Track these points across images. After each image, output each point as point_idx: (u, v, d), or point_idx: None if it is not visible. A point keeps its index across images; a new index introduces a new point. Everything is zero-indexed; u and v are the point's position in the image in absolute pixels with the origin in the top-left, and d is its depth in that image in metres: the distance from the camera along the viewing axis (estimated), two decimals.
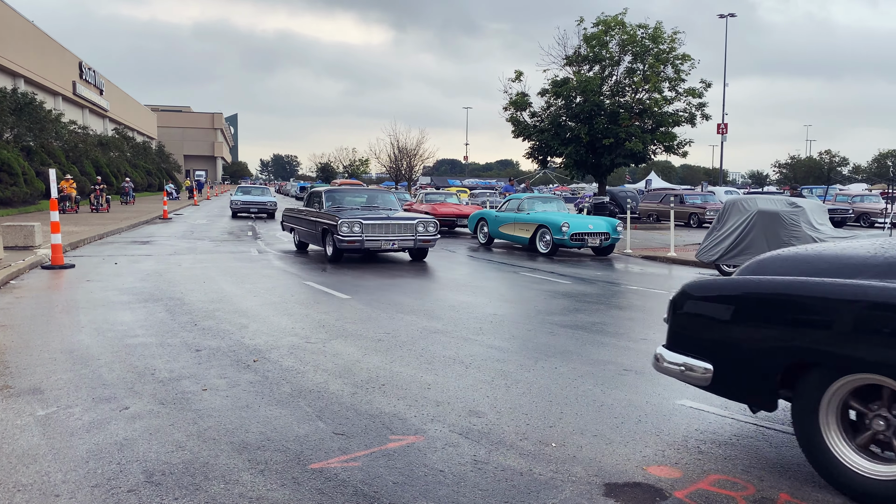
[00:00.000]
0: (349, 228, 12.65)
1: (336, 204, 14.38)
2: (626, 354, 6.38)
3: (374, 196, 15.37)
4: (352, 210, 13.96)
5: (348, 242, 12.60)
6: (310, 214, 14.62)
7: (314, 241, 14.46)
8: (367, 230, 12.82)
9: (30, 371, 5.52)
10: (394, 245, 12.99)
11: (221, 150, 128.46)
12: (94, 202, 29.17)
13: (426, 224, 13.42)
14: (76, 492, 3.40)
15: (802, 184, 62.11)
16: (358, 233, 12.70)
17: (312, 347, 6.47)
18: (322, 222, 13.66)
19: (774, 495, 3.47)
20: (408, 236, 13.15)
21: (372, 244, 12.79)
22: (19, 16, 39.06)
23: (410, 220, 13.36)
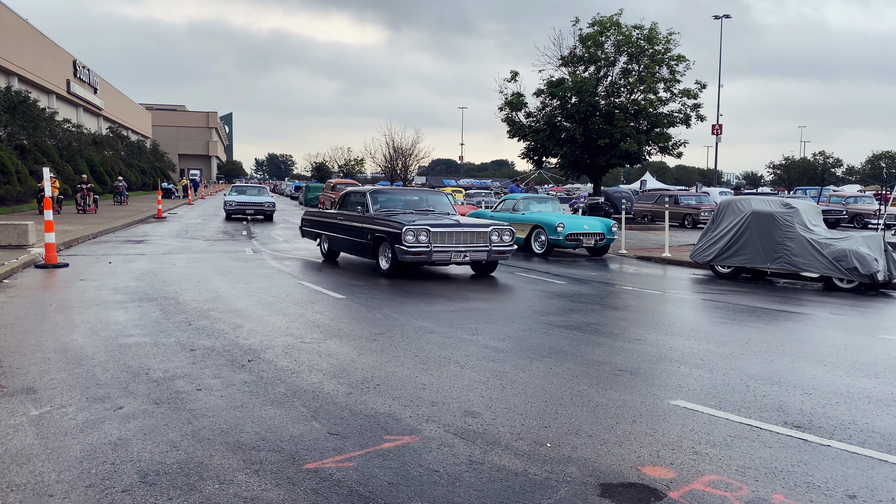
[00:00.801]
0: (415, 237, 10.58)
1: (385, 207, 12.25)
2: (621, 355, 6.39)
3: (424, 197, 13.26)
4: (405, 214, 11.82)
5: (413, 254, 10.54)
6: (350, 219, 12.57)
7: (357, 250, 12.43)
8: (436, 239, 10.75)
9: (23, 371, 5.49)
10: (465, 257, 10.94)
11: (216, 150, 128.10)
12: (81, 202, 27.11)
13: (501, 232, 11.35)
14: (70, 492, 3.39)
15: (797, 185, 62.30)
16: (424, 242, 10.63)
17: (307, 347, 6.46)
18: (373, 229, 11.53)
19: (768, 496, 3.48)
20: (481, 246, 11.06)
21: (440, 256, 10.77)
22: (13, 13, 38.88)
23: (484, 227, 11.26)
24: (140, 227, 22.46)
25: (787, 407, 4.91)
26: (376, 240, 11.51)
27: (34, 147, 32.83)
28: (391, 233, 10.96)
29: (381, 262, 11.57)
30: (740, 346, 6.87)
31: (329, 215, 13.81)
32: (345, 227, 12.77)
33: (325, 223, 13.84)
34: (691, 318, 8.43)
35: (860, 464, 3.90)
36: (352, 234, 12.44)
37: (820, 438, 4.28)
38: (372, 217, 11.81)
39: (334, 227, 13.27)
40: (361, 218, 12.15)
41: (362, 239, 11.99)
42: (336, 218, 13.24)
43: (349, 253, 13.00)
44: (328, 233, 13.61)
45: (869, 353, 6.70)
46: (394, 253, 10.92)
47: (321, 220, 14.16)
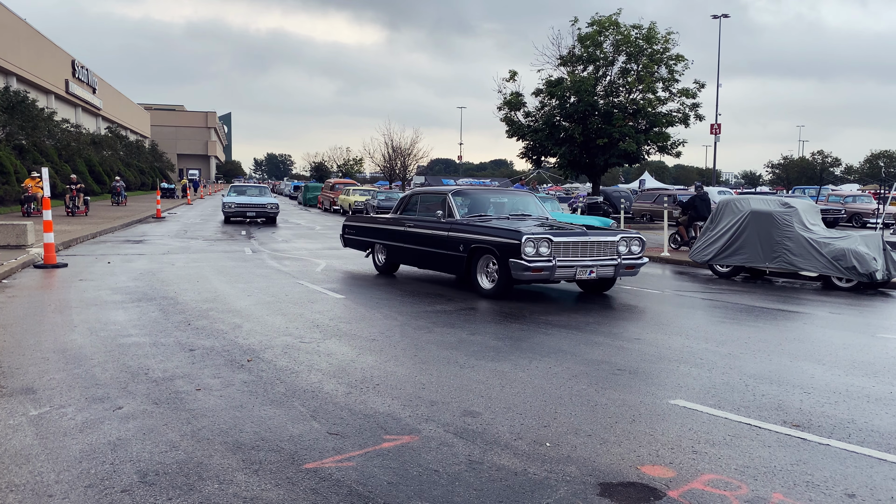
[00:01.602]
0: (535, 249, 8.68)
1: (474, 211, 10.39)
2: (620, 354, 6.39)
3: (512, 198, 11.36)
4: (501, 220, 10.07)
5: (534, 270, 8.64)
6: (424, 226, 10.61)
7: (436, 264, 10.50)
8: (559, 251, 8.89)
9: (22, 371, 5.49)
10: (591, 273, 9.07)
11: (215, 149, 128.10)
12: (70, 204, 25.19)
13: (630, 241, 9.53)
14: (69, 492, 3.39)
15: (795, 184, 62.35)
16: (546, 256, 8.74)
17: (307, 347, 6.46)
18: (470, 239, 9.56)
19: (768, 495, 3.48)
20: (608, 260, 9.22)
21: (564, 272, 8.90)
22: (11, 13, 38.84)
23: (611, 235, 9.48)
24: (139, 227, 22.45)
25: (786, 406, 4.91)
26: (474, 252, 9.55)
27: (33, 147, 32.81)
28: (504, 244, 8.95)
29: (479, 280, 9.58)
30: (739, 345, 6.87)
31: (388, 221, 11.74)
32: (416, 236, 10.75)
33: (383, 231, 11.75)
34: (690, 318, 8.43)
35: (859, 463, 3.90)
36: (429, 244, 10.43)
37: (819, 437, 4.29)
38: (462, 224, 9.88)
39: (398, 235, 11.26)
40: (444, 225, 10.12)
41: (448, 250, 9.96)
42: (400, 224, 11.19)
43: (422, 266, 11.11)
44: (388, 242, 11.58)
45: (868, 352, 6.71)
46: (505, 269, 9.00)
47: (376, 227, 12.07)
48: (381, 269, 12.08)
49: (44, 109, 36.13)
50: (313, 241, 18.73)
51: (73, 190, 25.40)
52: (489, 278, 9.53)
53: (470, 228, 9.73)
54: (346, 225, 13.22)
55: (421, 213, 11.07)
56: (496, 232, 9.28)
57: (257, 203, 25.21)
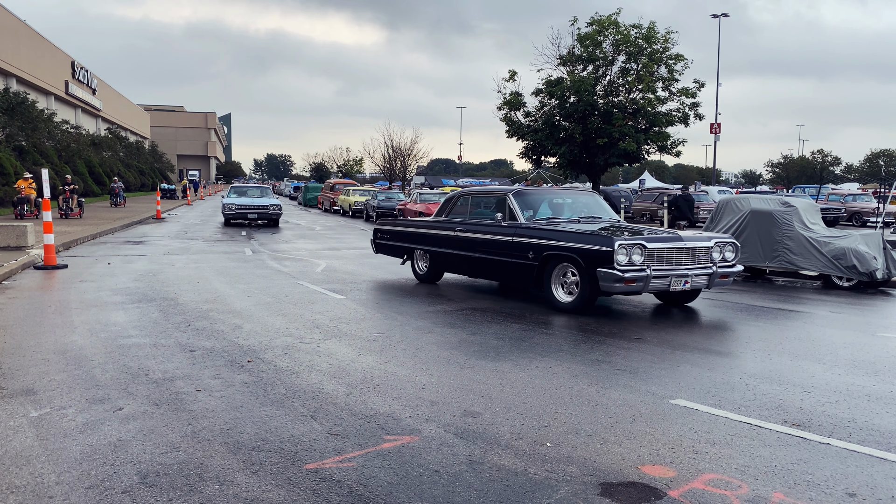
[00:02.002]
0: (627, 257, 7.76)
1: (543, 214, 9.46)
2: (621, 354, 6.39)
3: (579, 199, 10.31)
4: (572, 223, 9.16)
5: (627, 282, 7.70)
6: (480, 230, 9.64)
7: (497, 273, 9.55)
8: (652, 259, 7.98)
9: (23, 372, 5.49)
10: (686, 283, 8.16)
11: (215, 150, 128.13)
12: (63, 206, 24.23)
13: (724, 247, 8.62)
14: (70, 493, 3.39)
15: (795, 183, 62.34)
16: (639, 265, 7.83)
17: (307, 348, 6.46)
18: (546, 245, 8.49)
19: (768, 494, 3.48)
20: (703, 268, 8.30)
21: (658, 283, 7.97)
22: (11, 14, 38.85)
23: (705, 241, 8.47)
24: (139, 227, 22.45)
25: (786, 405, 4.91)
26: (547, 260, 8.53)
27: (33, 148, 32.80)
28: (591, 251, 7.94)
29: (555, 292, 8.53)
30: (739, 344, 6.87)
31: (433, 225, 10.75)
32: (469, 242, 9.75)
33: (427, 235, 10.73)
34: (690, 317, 8.43)
35: (860, 462, 3.90)
36: (487, 250, 9.42)
37: (819, 437, 4.29)
38: (530, 228, 8.92)
39: (445, 240, 10.26)
40: (507, 230, 9.14)
41: (512, 258, 8.96)
42: (448, 229, 10.23)
43: (476, 275, 10.16)
44: (432, 248, 10.61)
45: (868, 351, 6.71)
46: (590, 279, 7.98)
47: (416, 232, 11.02)
48: (423, 277, 11.06)
49: (44, 111, 36.14)
50: (313, 241, 18.73)
51: (67, 191, 24.58)
52: (566, 290, 8.45)
53: (542, 234, 8.70)
54: (379, 229, 12.05)
55: (473, 217, 10.12)
56: (579, 238, 8.22)
57: (259, 204, 23.99)
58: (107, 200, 35.70)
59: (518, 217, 9.23)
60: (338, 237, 20.27)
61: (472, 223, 9.94)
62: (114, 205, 33.15)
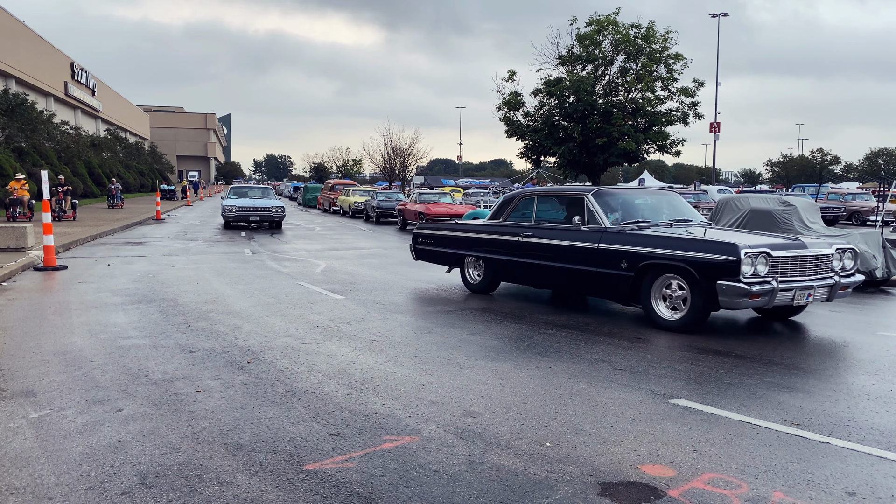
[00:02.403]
0: (752, 267, 6.79)
1: (627, 216, 8.28)
2: (620, 353, 6.39)
3: (663, 199, 9.16)
4: (662, 226, 8.08)
5: (752, 296, 6.72)
6: (556, 236, 8.48)
7: (579, 284, 8.30)
8: (778, 270, 7.03)
9: (22, 373, 5.49)
10: (809, 297, 7.19)
11: (214, 151, 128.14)
12: (56, 208, 22.96)
13: (843, 254, 7.66)
14: (69, 494, 3.39)
15: (795, 182, 62.34)
16: (763, 276, 6.88)
17: (306, 348, 6.46)
18: (641, 253, 7.43)
19: (768, 493, 3.48)
20: (825, 279, 7.37)
21: (784, 296, 6.98)
22: (10, 16, 38.85)
23: (826, 248, 7.48)
24: (139, 228, 22.45)
25: (786, 405, 4.91)
26: (645, 271, 7.43)
27: (32, 149, 32.80)
28: (709, 261, 6.86)
29: (656, 307, 7.43)
30: (739, 343, 6.87)
31: (490, 229, 9.63)
32: (540, 249, 8.63)
33: (482, 241, 9.64)
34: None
35: (860, 461, 3.90)
36: (565, 258, 8.28)
37: (819, 436, 4.29)
38: (618, 233, 7.80)
39: (507, 246, 9.16)
40: (590, 235, 8.02)
41: (599, 267, 7.85)
42: (511, 233, 9.16)
43: (547, 286, 9.16)
44: (490, 255, 9.52)
45: (868, 350, 6.71)
46: (704, 293, 6.94)
47: (469, 237, 9.92)
48: (476, 287, 9.97)
49: (43, 112, 36.15)
50: (313, 242, 18.73)
51: (60, 192, 23.37)
52: (669, 305, 7.37)
53: (638, 240, 7.58)
54: (421, 234, 10.94)
55: (539, 220, 9.01)
56: (692, 244, 7.14)
57: (261, 206, 22.59)
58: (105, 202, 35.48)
59: (601, 220, 8.10)
60: (337, 237, 20.27)
61: (541, 227, 8.84)
62: (111, 206, 32.71)
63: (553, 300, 9.49)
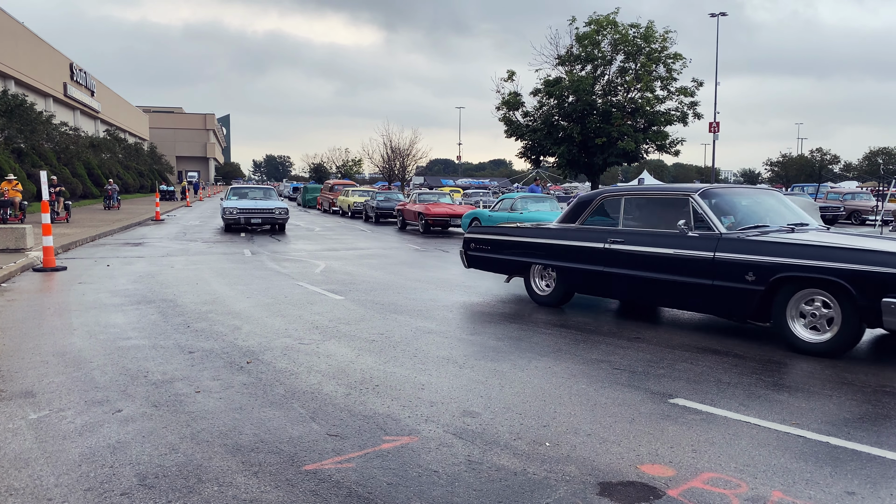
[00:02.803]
0: None
1: (743, 221, 7.24)
2: (619, 353, 6.39)
3: (771, 200, 8.06)
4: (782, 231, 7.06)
5: None
6: (657, 242, 7.38)
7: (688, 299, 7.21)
8: None
9: (21, 374, 5.49)
10: None
11: (214, 151, 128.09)
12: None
13: None
14: (69, 495, 3.39)
15: (794, 181, 62.39)
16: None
17: (306, 349, 6.46)
18: (775, 264, 6.38)
19: (767, 493, 3.48)
20: None
21: None
22: (9, 17, 38.84)
23: None
24: (138, 229, 22.44)
25: (785, 404, 4.91)
26: (780, 285, 6.42)
27: (31, 150, 32.77)
28: (873, 275, 5.84)
29: (793, 328, 6.40)
30: (738, 343, 6.87)
31: (564, 234, 8.50)
32: (634, 259, 7.56)
33: (556, 248, 8.50)
34: (689, 316, 8.43)
35: (859, 461, 3.91)
36: (669, 270, 7.21)
37: (819, 436, 4.29)
38: (747, 241, 6.73)
39: (589, 254, 8.07)
40: (702, 242, 6.97)
41: (716, 280, 6.78)
42: (595, 238, 8.06)
43: (645, 301, 8.31)
44: (566, 263, 8.41)
45: (868, 349, 6.71)
46: (860, 312, 5.93)
47: (538, 243, 8.79)
48: (546, 299, 8.89)
49: (42, 112, 36.10)
50: (312, 242, 18.73)
51: (52, 193, 22.02)
52: (810, 324, 6.34)
53: (768, 248, 6.53)
54: (474, 238, 9.79)
55: (629, 224, 7.91)
56: (844, 255, 6.06)
57: (263, 208, 21.46)
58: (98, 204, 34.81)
59: (713, 225, 7.05)
60: (337, 238, 20.27)
61: (634, 233, 7.73)
62: (107, 207, 31.75)
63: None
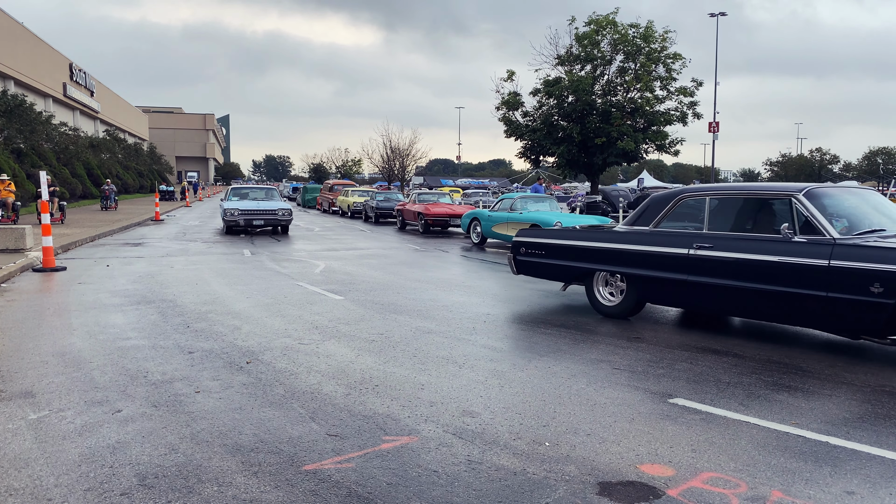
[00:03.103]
0: None
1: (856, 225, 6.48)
2: (619, 353, 6.40)
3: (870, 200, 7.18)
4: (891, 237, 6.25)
5: None
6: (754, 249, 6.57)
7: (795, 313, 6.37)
8: None
9: (21, 375, 5.49)
10: None
11: (213, 151, 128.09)
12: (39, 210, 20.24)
13: None
14: (68, 495, 3.39)
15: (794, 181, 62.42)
16: None
17: (305, 349, 6.46)
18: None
19: (767, 493, 3.49)
20: None
21: None
22: (9, 17, 38.84)
23: None
24: (138, 229, 22.44)
25: (785, 404, 4.92)
26: None
27: (31, 151, 32.77)
28: None
29: None
30: (738, 342, 6.87)
31: (637, 237, 7.65)
32: (728, 267, 6.73)
33: (627, 253, 7.68)
34: (689, 316, 8.43)
35: (859, 460, 3.91)
36: (774, 280, 6.39)
37: (818, 435, 4.29)
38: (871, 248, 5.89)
39: (670, 262, 7.22)
40: (813, 249, 6.16)
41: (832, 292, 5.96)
42: (676, 244, 7.23)
43: (734, 314, 7.24)
44: (639, 271, 7.57)
45: (867, 349, 6.71)
46: None
47: (605, 248, 7.95)
48: (613, 309, 8.04)
49: (42, 113, 36.11)
50: (312, 242, 18.72)
51: None
52: None
53: None
54: (525, 242, 8.96)
55: (717, 227, 7.12)
56: None
57: (266, 209, 20.57)
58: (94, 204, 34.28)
59: (824, 230, 6.24)
60: (337, 238, 20.27)
61: (726, 238, 6.89)
62: (104, 208, 31.13)
63: (550, 299, 9.48)
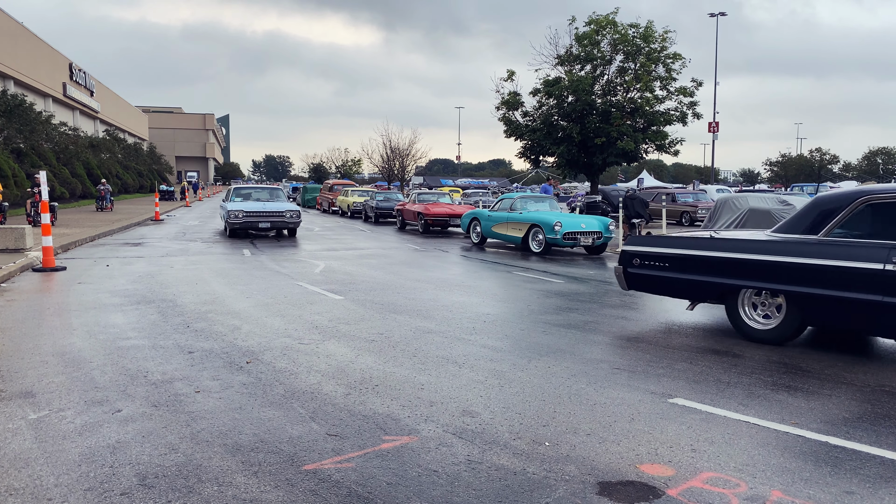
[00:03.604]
0: None
1: None
2: (619, 353, 6.40)
3: None
4: None
5: None
6: None
7: None
8: None
9: (21, 374, 5.49)
10: None
11: (213, 151, 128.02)
12: (31, 211, 20.27)
13: None
14: (68, 495, 3.39)
15: (794, 181, 62.41)
16: None
17: (305, 348, 6.46)
18: None
19: (766, 492, 3.49)
20: None
21: None
22: (8, 17, 38.83)
23: None
24: (138, 229, 22.44)
25: (784, 404, 4.92)
26: None
27: (31, 150, 32.75)
28: None
29: None
30: (738, 342, 6.87)
31: (798, 249, 6.33)
32: None
33: (785, 267, 6.34)
34: (689, 315, 8.44)
35: (858, 460, 3.91)
36: None
37: (818, 435, 4.29)
38: None
39: (854, 278, 5.86)
40: None
41: None
42: (859, 256, 5.87)
43: None
44: (805, 289, 6.23)
45: (868, 349, 6.71)
46: None
47: (754, 260, 6.59)
48: (766, 334, 6.73)
49: (41, 113, 36.09)
50: (312, 242, 18.72)
51: (36, 194, 19.78)
52: None
53: None
54: (640, 252, 7.63)
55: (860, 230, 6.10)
56: None
57: (272, 210, 19.07)
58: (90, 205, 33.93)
59: None
60: (336, 238, 20.26)
61: None
62: (99, 209, 30.29)
63: (550, 299, 9.48)
